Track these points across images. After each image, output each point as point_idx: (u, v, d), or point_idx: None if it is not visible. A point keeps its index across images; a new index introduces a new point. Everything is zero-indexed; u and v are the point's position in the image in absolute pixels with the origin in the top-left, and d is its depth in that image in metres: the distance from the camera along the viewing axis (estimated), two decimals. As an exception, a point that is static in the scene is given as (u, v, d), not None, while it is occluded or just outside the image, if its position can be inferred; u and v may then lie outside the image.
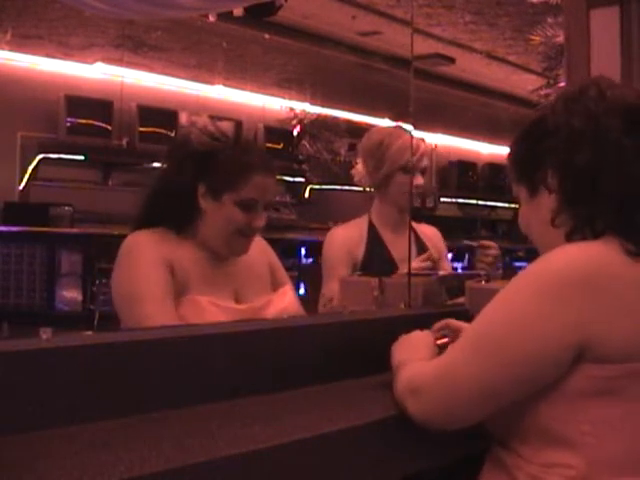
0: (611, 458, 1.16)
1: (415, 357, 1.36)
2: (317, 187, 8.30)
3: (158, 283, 1.69)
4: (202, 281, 1.77)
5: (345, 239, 2.45)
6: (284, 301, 1.90)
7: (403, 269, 2.30)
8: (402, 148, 2.42)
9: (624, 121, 1.20)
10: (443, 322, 1.57)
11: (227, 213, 1.77)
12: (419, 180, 2.44)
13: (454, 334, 1.49)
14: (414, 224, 2.55)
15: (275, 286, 1.97)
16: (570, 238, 1.22)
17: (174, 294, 1.71)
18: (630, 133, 1.20)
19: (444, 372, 1.22)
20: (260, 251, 1.98)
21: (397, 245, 2.43)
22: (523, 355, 1.15)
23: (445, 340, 1.48)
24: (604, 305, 1.14)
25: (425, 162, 2.48)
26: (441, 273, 2.21)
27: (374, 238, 2.46)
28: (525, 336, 1.15)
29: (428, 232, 2.60)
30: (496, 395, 1.19)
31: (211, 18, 4.72)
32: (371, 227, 2.49)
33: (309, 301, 2.38)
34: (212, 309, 1.71)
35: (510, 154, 1.38)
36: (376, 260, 2.42)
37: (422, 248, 2.48)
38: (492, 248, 2.31)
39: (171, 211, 1.80)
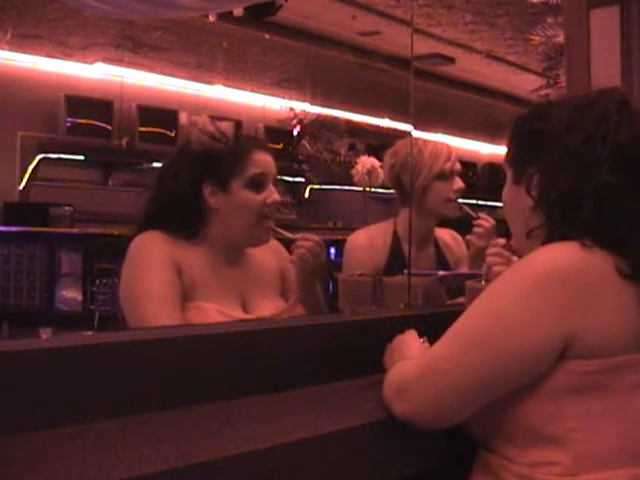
0: (597, 452, 1.17)
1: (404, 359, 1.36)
2: (317, 187, 8.30)
3: (165, 283, 1.68)
4: (209, 287, 1.74)
5: (368, 246, 2.39)
6: (294, 314, 1.85)
7: None
8: (434, 154, 2.36)
9: (614, 156, 1.20)
10: None
11: (240, 199, 1.75)
12: (459, 184, 2.37)
13: None
14: (436, 232, 2.48)
15: (285, 292, 1.94)
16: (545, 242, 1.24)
17: (181, 297, 1.70)
18: (617, 171, 1.20)
19: (427, 369, 1.22)
20: (273, 253, 1.95)
21: (417, 263, 2.35)
22: (508, 349, 1.16)
23: None
24: (585, 301, 1.16)
25: (459, 165, 2.40)
26: (441, 273, 2.21)
27: (396, 252, 2.39)
28: (510, 331, 1.16)
29: (447, 238, 2.51)
30: (482, 390, 1.19)
31: (211, 18, 4.73)
32: (395, 239, 2.41)
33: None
34: (219, 318, 1.69)
35: (511, 132, 1.38)
36: (393, 274, 2.33)
37: (441, 260, 2.43)
38: (486, 221, 2.25)
39: (178, 216, 1.77)
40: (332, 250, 6.94)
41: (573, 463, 1.16)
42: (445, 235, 2.52)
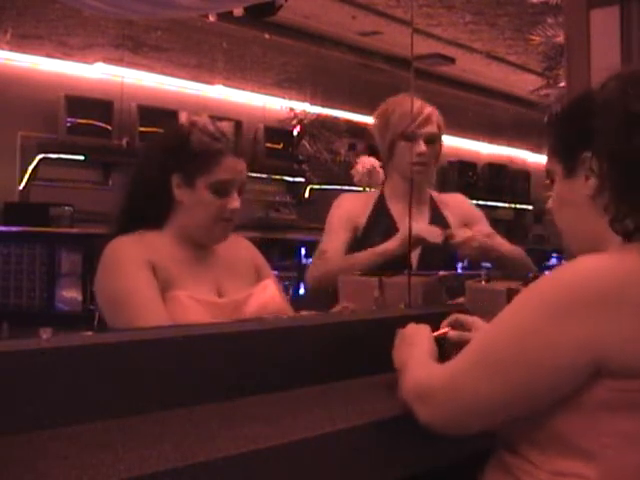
0: (625, 470, 1.14)
1: (416, 354, 1.35)
2: (317, 187, 8.29)
3: (145, 284, 1.71)
4: (184, 277, 1.78)
5: (350, 204, 2.47)
6: (265, 295, 1.90)
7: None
8: (404, 114, 2.37)
9: None
10: (453, 317, 1.53)
11: (202, 198, 1.80)
12: (421, 148, 2.37)
13: (463, 328, 1.48)
14: (435, 194, 2.51)
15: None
16: (614, 227, 1.17)
17: (160, 294, 1.72)
18: None
19: (451, 383, 1.20)
20: (244, 249, 2.01)
21: (406, 215, 2.34)
22: (533, 373, 1.13)
23: (443, 331, 1.47)
24: (617, 320, 1.10)
25: (430, 129, 2.40)
26: (441, 273, 2.21)
27: (381, 208, 2.45)
28: (535, 353, 1.12)
29: (450, 200, 2.52)
30: (506, 409, 1.17)
31: (211, 18, 4.72)
32: (380, 198, 2.48)
33: (310, 301, 2.38)
34: (191, 303, 1.71)
35: (551, 127, 1.33)
36: (378, 228, 2.40)
37: (439, 218, 2.44)
38: (463, 232, 2.26)
39: (149, 208, 1.83)
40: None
41: (599, 479, 1.13)
42: (446, 198, 2.53)
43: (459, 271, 2.38)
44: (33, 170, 6.44)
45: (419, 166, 2.38)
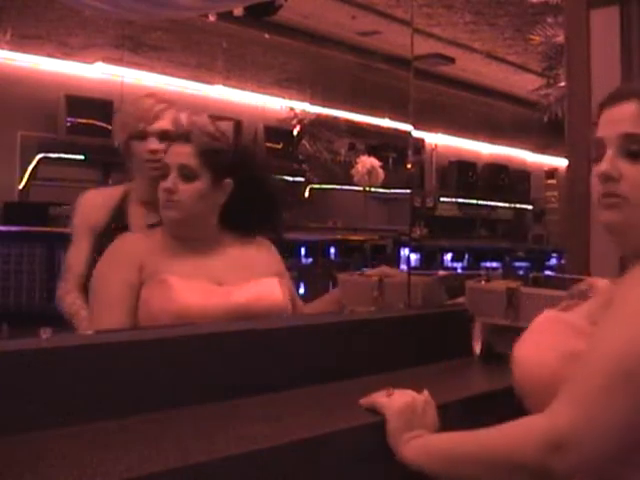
0: None
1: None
2: (317, 187, 8.30)
3: (119, 284, 1.73)
4: (179, 266, 1.72)
5: (90, 204, 2.31)
6: (263, 288, 1.76)
7: None
8: (131, 113, 2.21)
9: None
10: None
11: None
12: (152, 145, 2.14)
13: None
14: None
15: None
16: None
17: (132, 294, 1.70)
18: None
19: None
20: (267, 253, 1.92)
21: (146, 224, 2.16)
22: None
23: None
24: None
25: (162, 125, 2.16)
26: (441, 273, 2.21)
27: (120, 212, 2.27)
28: None
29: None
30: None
31: (211, 18, 4.73)
32: (123, 199, 2.30)
33: (309, 301, 2.38)
34: (179, 284, 1.65)
35: None
36: (114, 236, 2.12)
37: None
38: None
39: None
40: (332, 250, 6.95)
41: None
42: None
43: (459, 271, 2.38)
44: (33, 170, 6.44)
45: (152, 163, 2.14)
